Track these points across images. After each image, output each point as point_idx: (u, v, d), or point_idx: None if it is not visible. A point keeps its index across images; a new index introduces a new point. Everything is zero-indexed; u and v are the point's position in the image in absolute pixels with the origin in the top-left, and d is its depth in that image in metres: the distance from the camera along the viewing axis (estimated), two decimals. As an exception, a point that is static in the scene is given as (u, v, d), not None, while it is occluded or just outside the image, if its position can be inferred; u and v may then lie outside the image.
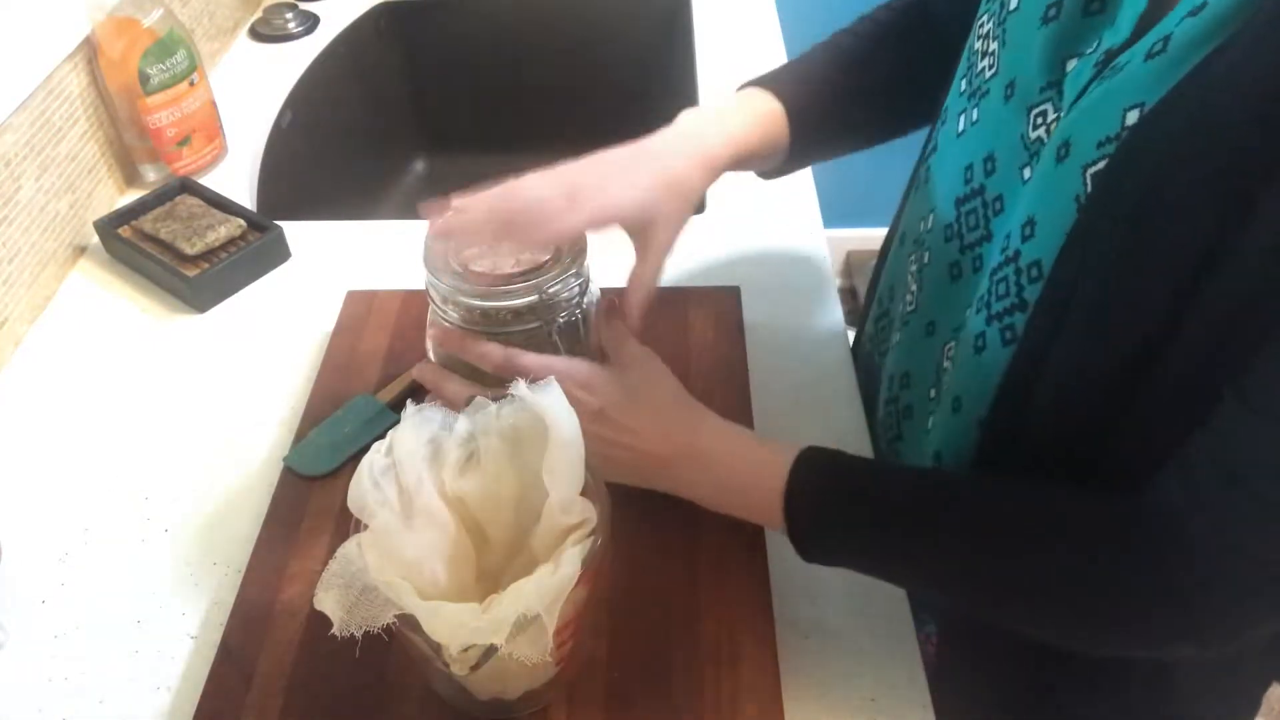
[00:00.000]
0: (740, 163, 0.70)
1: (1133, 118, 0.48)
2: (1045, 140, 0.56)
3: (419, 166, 1.50)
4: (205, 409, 0.80)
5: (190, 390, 0.81)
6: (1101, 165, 0.50)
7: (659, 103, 1.36)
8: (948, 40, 0.73)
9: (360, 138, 1.36)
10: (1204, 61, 0.45)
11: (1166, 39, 0.47)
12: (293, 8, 1.30)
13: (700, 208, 0.99)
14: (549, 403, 0.53)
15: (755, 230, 0.96)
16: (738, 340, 0.82)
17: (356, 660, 0.52)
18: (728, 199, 1.00)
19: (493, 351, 0.65)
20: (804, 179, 1.02)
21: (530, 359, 0.64)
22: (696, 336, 0.82)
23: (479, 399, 0.56)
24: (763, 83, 0.73)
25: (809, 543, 0.59)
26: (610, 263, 0.85)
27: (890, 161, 1.17)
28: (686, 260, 0.92)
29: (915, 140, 0.77)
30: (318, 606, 0.49)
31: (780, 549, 0.67)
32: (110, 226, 0.93)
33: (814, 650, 0.63)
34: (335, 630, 0.48)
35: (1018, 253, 0.56)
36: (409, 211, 0.67)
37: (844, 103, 0.75)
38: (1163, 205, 0.46)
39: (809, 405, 0.78)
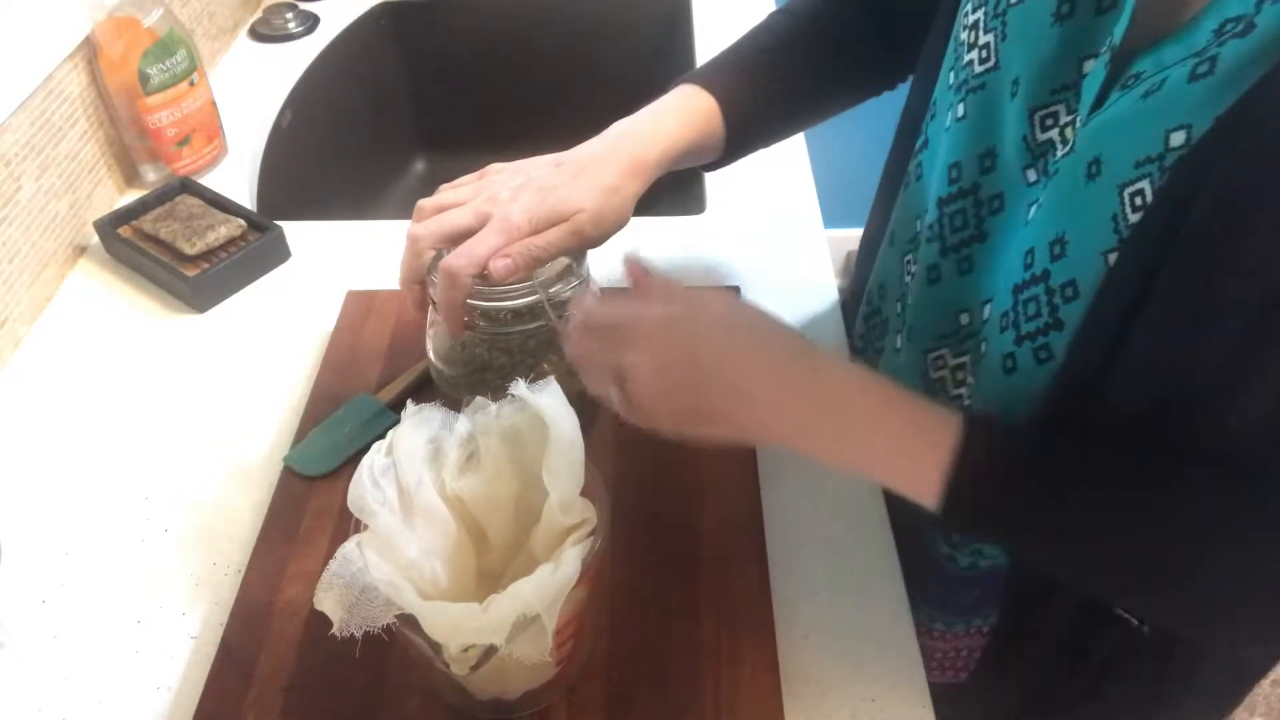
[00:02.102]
0: (674, 164, 0.69)
1: (1178, 139, 0.46)
2: (1056, 143, 0.55)
3: (419, 166, 1.50)
4: (205, 409, 0.80)
5: (190, 390, 0.81)
6: (1142, 185, 0.48)
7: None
8: (890, 14, 0.73)
9: (360, 138, 1.36)
10: (1264, 80, 0.43)
11: (1213, 60, 0.45)
12: (293, 8, 1.30)
13: (700, 207, 1.00)
14: (549, 403, 0.53)
15: (755, 230, 0.96)
16: (738, 340, 0.82)
17: (356, 660, 0.52)
18: (728, 199, 1.00)
19: (595, 309, 0.59)
20: (804, 179, 1.02)
21: (609, 309, 0.59)
22: (696, 336, 0.82)
23: (479, 399, 0.56)
24: (697, 78, 0.73)
25: (965, 517, 0.53)
26: (610, 261, 0.85)
27: (890, 161, 1.17)
28: (686, 260, 0.92)
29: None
30: (318, 606, 0.49)
31: (780, 549, 0.67)
32: (110, 226, 0.93)
33: (814, 650, 0.63)
34: (335, 630, 0.48)
35: (1047, 272, 0.54)
36: (409, 211, 0.67)
37: (779, 92, 0.75)
38: (1240, 229, 0.44)
39: (809, 405, 0.78)
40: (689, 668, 0.60)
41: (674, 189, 1.08)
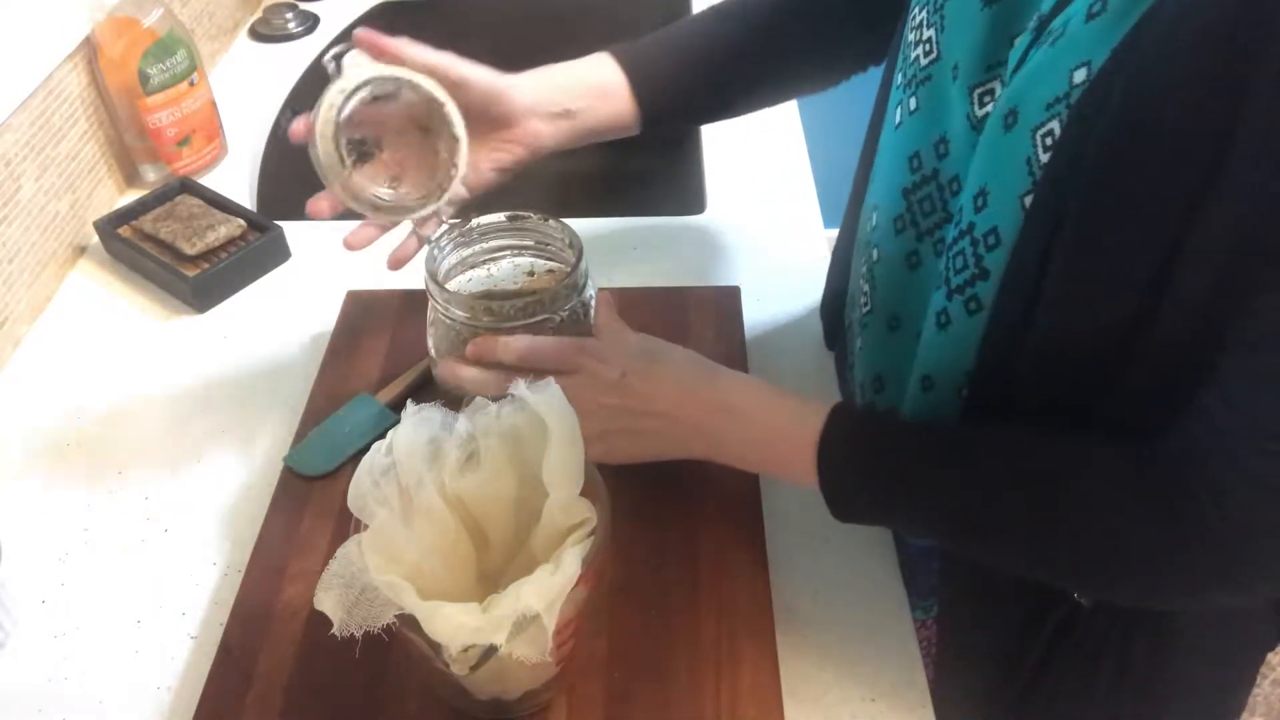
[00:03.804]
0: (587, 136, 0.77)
1: (1080, 76, 0.49)
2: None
3: (419, 166, 1.50)
4: (205, 409, 0.80)
5: (190, 390, 0.81)
6: (1052, 125, 0.50)
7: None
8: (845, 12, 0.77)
9: (360, 138, 1.36)
10: (1151, 11, 0.46)
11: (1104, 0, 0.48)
12: (293, 8, 1.30)
13: (700, 208, 1.00)
14: (549, 403, 0.53)
15: (755, 230, 0.96)
16: (738, 340, 0.82)
17: (356, 660, 0.52)
18: (728, 199, 1.00)
19: (513, 343, 0.67)
20: (804, 179, 1.02)
21: (547, 343, 0.68)
22: (696, 336, 0.82)
23: (478, 399, 0.56)
24: (622, 51, 0.80)
25: (840, 494, 0.59)
26: (610, 260, 0.85)
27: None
28: (686, 260, 0.92)
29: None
30: (318, 606, 0.49)
31: (781, 549, 0.67)
32: (110, 226, 0.93)
33: (814, 650, 0.63)
34: (335, 630, 0.49)
35: (971, 224, 0.56)
36: (409, 211, 0.68)
37: (705, 78, 0.81)
38: (1139, 152, 0.47)
39: (809, 405, 0.78)
40: (689, 668, 0.60)
41: (674, 189, 1.08)
